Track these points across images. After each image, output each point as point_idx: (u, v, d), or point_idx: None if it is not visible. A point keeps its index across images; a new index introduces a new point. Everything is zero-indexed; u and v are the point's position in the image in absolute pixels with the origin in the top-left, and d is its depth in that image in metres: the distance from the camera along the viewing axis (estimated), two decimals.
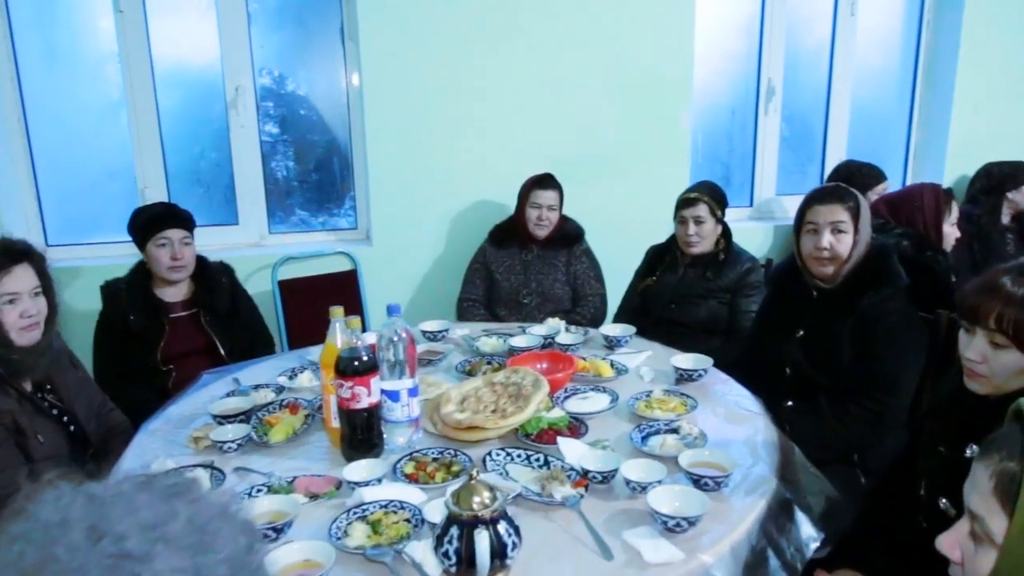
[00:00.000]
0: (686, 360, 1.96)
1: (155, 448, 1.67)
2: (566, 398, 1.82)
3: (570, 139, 3.27)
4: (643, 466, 1.42)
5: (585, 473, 1.42)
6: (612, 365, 2.03)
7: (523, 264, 2.92)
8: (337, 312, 1.62)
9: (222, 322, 2.45)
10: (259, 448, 1.64)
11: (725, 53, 3.65)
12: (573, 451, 1.52)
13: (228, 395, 1.91)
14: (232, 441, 1.61)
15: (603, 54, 3.22)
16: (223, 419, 1.73)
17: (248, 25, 3.03)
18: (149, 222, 2.36)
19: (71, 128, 3.03)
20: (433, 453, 1.56)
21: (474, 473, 1.15)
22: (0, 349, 1.59)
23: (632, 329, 2.24)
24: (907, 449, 1.59)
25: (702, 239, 2.58)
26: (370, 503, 1.34)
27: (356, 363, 1.52)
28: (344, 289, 3.12)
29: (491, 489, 1.16)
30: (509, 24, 3.11)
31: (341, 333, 1.60)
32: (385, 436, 1.59)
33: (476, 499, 1.13)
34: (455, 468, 1.49)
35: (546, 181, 2.90)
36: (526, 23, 3.12)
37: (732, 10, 3.59)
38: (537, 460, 1.52)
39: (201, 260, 2.50)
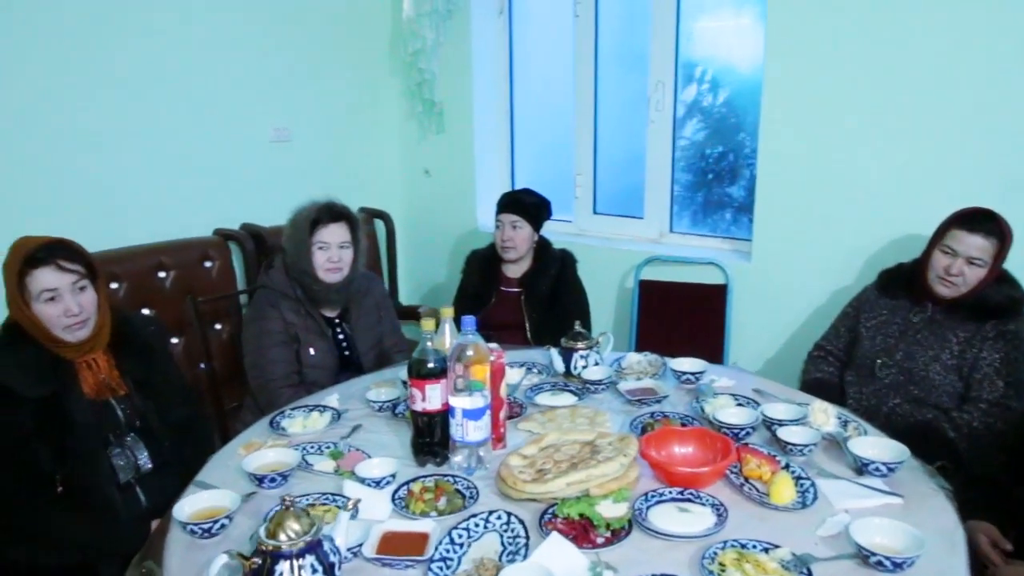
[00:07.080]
0: (879, 532, 1.18)
1: (363, 387, 1.99)
2: (665, 501, 1.35)
3: None
4: None
5: None
6: (803, 491, 1.37)
7: (903, 324, 2.09)
8: (447, 312, 1.62)
9: (537, 305, 2.61)
10: (395, 418, 1.79)
11: None
12: (552, 558, 1.17)
13: None
14: (375, 403, 1.81)
15: None
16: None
17: (677, 17, 2.96)
18: (497, 205, 2.67)
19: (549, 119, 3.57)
20: (459, 485, 1.43)
21: (289, 499, 1.08)
22: (307, 279, 2.16)
23: (904, 454, 1.43)
24: None
25: None
26: (330, 495, 1.38)
27: (424, 364, 1.51)
28: (707, 303, 2.84)
29: (309, 518, 1.07)
30: None
31: (450, 335, 1.60)
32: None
33: (285, 531, 1.06)
34: (444, 508, 1.35)
35: (978, 220, 1.96)
36: None
37: None
38: (514, 545, 1.23)
39: (543, 245, 2.69)
